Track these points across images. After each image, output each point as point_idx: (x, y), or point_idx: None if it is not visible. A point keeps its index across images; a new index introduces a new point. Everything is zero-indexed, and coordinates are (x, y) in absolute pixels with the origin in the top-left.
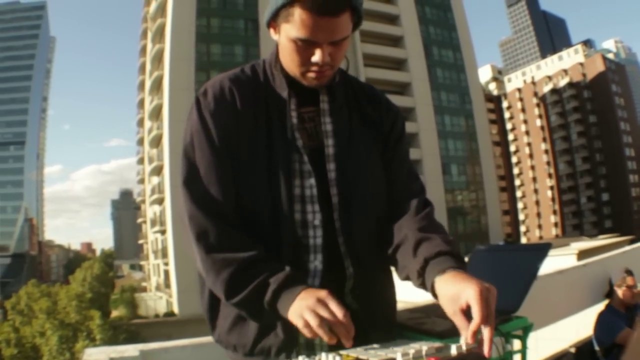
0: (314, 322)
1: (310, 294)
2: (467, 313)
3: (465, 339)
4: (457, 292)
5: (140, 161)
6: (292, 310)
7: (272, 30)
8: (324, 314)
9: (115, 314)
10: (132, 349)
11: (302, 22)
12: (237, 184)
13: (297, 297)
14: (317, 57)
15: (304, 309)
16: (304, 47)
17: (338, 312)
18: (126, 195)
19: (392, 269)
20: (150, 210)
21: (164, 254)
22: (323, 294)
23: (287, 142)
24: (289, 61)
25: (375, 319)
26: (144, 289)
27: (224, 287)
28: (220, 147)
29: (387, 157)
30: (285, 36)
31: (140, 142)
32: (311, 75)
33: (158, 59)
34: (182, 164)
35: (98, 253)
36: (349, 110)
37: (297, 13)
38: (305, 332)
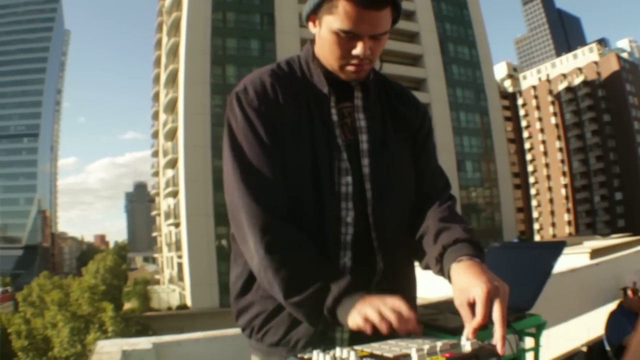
0: (375, 317)
1: (375, 297)
2: (472, 307)
3: (466, 334)
4: (466, 285)
5: (155, 154)
6: (353, 314)
7: (311, 24)
8: (387, 313)
9: (127, 306)
10: (145, 342)
11: (346, 14)
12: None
13: (357, 303)
14: (358, 49)
15: (367, 307)
16: (346, 39)
17: (404, 311)
18: (140, 188)
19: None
20: (164, 203)
21: (178, 247)
22: (390, 298)
23: (329, 139)
24: (329, 54)
25: None
26: (157, 282)
27: (282, 286)
28: (268, 142)
29: (416, 153)
30: (327, 28)
31: (155, 135)
32: (350, 68)
33: (173, 52)
34: (234, 161)
35: (111, 245)
36: (381, 107)
37: (342, 5)
38: (365, 328)
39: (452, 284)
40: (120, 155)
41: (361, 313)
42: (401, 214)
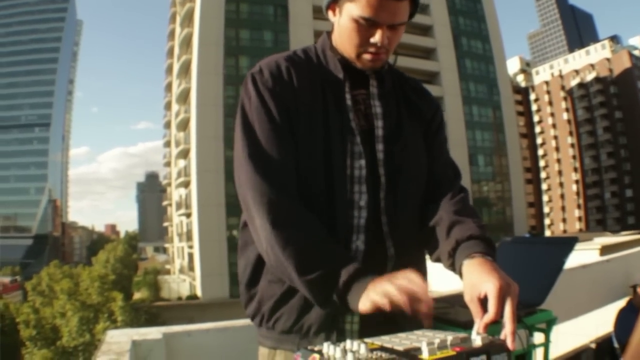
0: (393, 291)
1: (384, 278)
2: (482, 302)
3: (477, 328)
4: (478, 281)
5: (167, 144)
6: (365, 298)
7: (330, 12)
8: (396, 295)
9: (137, 296)
10: (155, 332)
11: (368, 2)
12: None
13: (367, 286)
14: (376, 37)
15: (380, 287)
16: (365, 27)
17: (419, 285)
18: (152, 177)
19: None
20: (175, 193)
21: (189, 237)
22: (402, 274)
23: (342, 123)
24: (347, 41)
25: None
26: (168, 272)
27: (293, 263)
28: (280, 122)
29: (428, 143)
30: (347, 16)
31: (168, 125)
32: (367, 56)
33: (186, 43)
34: (244, 139)
35: (122, 235)
36: (396, 96)
37: None
38: (385, 303)
39: (462, 279)
40: (133, 145)
41: (370, 298)
42: (413, 201)
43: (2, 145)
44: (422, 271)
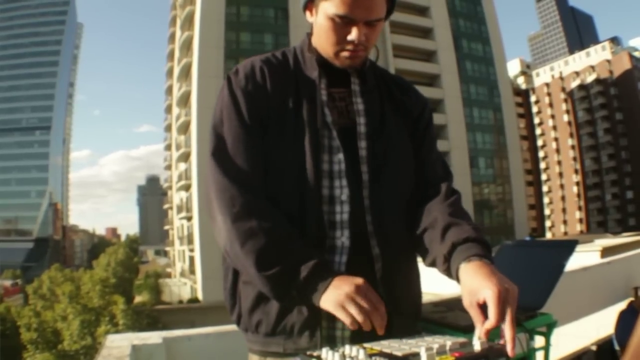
0: (355, 311)
1: (346, 281)
2: (482, 307)
3: (478, 335)
4: (476, 286)
5: (168, 147)
6: (327, 299)
7: (308, 13)
8: (363, 303)
9: (138, 299)
10: (156, 336)
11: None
12: (266, 159)
13: (330, 284)
14: (353, 35)
15: (344, 298)
16: (341, 25)
17: (377, 301)
18: (153, 181)
19: (418, 256)
20: (176, 197)
21: (190, 241)
22: (360, 281)
23: (316, 118)
24: (325, 40)
25: (401, 304)
26: (169, 275)
27: (252, 257)
28: (249, 121)
29: (416, 142)
30: (323, 14)
31: (168, 128)
32: (345, 54)
33: (187, 46)
34: (211, 137)
35: (123, 238)
36: (379, 93)
37: None
38: (346, 322)
39: (460, 284)
40: (135, 148)
41: (332, 302)
42: (398, 199)
43: (3, 149)
44: (413, 272)
